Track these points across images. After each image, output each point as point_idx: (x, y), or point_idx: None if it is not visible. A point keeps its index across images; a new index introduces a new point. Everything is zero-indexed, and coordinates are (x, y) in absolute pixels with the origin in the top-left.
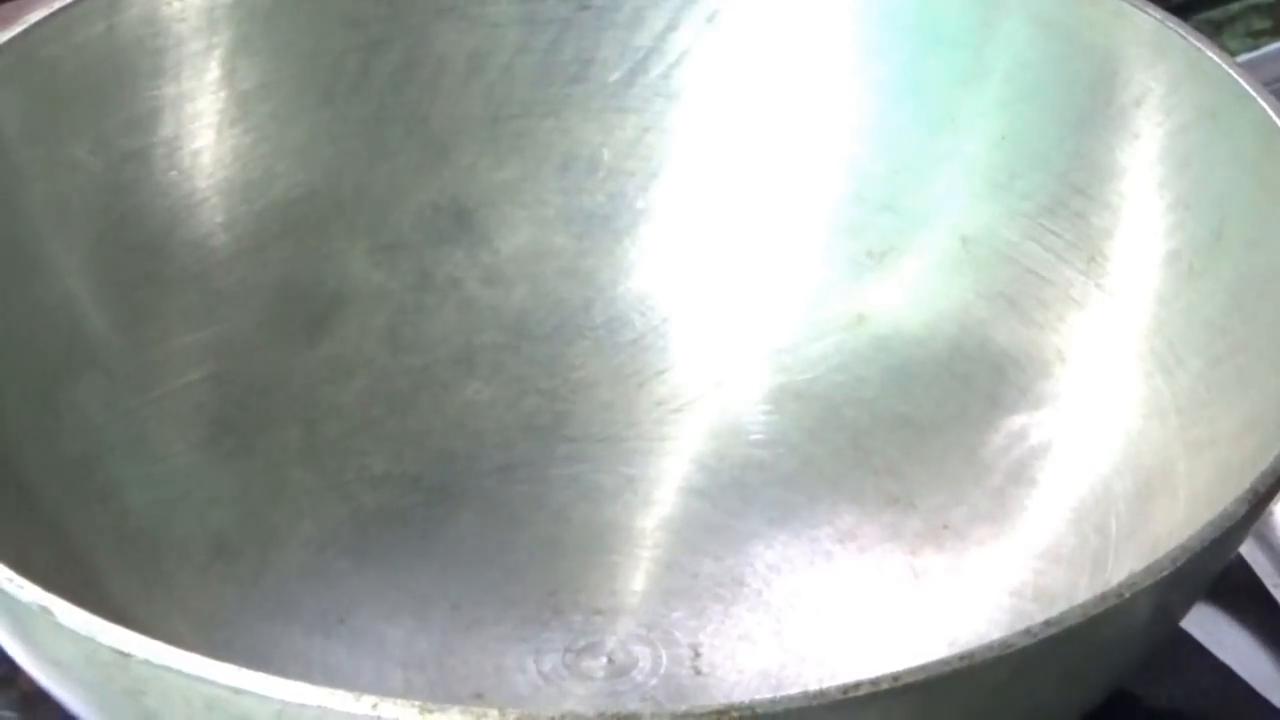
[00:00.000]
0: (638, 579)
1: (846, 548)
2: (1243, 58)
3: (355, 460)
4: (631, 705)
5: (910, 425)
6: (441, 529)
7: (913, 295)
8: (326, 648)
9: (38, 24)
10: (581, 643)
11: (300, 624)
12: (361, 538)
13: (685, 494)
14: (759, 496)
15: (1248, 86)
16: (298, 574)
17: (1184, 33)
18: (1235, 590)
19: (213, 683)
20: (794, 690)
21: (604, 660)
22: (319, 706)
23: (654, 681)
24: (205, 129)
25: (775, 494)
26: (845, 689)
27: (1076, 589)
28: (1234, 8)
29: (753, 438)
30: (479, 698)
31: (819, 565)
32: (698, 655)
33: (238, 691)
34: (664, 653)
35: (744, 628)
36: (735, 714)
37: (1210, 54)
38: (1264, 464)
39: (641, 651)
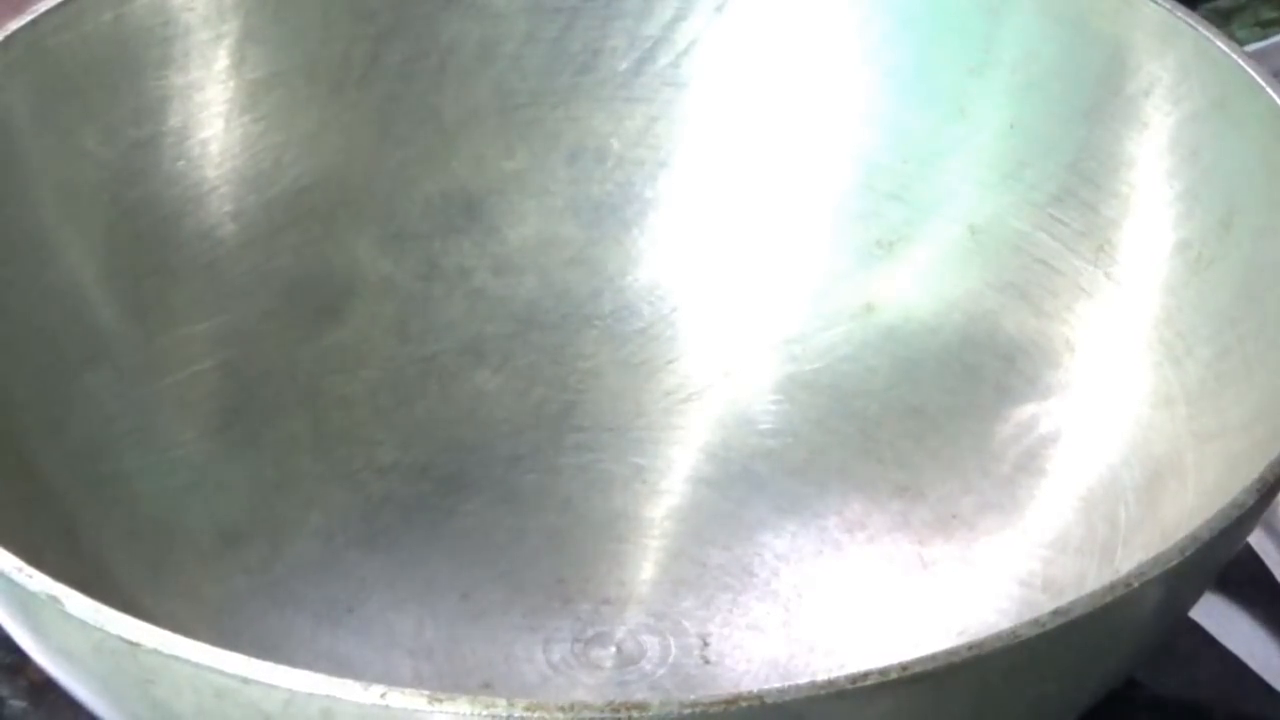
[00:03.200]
0: (646, 568)
1: (855, 537)
2: (1251, 47)
3: (364, 449)
4: (640, 695)
5: (919, 415)
6: (450, 518)
7: (922, 285)
8: (335, 636)
9: (46, 13)
10: (590, 632)
11: (309, 613)
12: (370, 527)
13: (694, 483)
14: (767, 486)
15: (1256, 76)
16: (306, 563)
17: (1192, 22)
18: (1244, 580)
19: (221, 672)
20: (802, 680)
21: (612, 650)
22: (327, 696)
23: (662, 671)
24: (214, 118)
25: (784, 484)
26: (854, 678)
27: (1085, 578)
28: None
29: (761, 427)
30: (488, 687)
31: (827, 554)
32: (706, 645)
33: (246, 681)
34: (672, 642)
35: (752, 617)
36: (744, 703)
37: (1219, 43)
38: (1273, 453)
39: (650, 641)
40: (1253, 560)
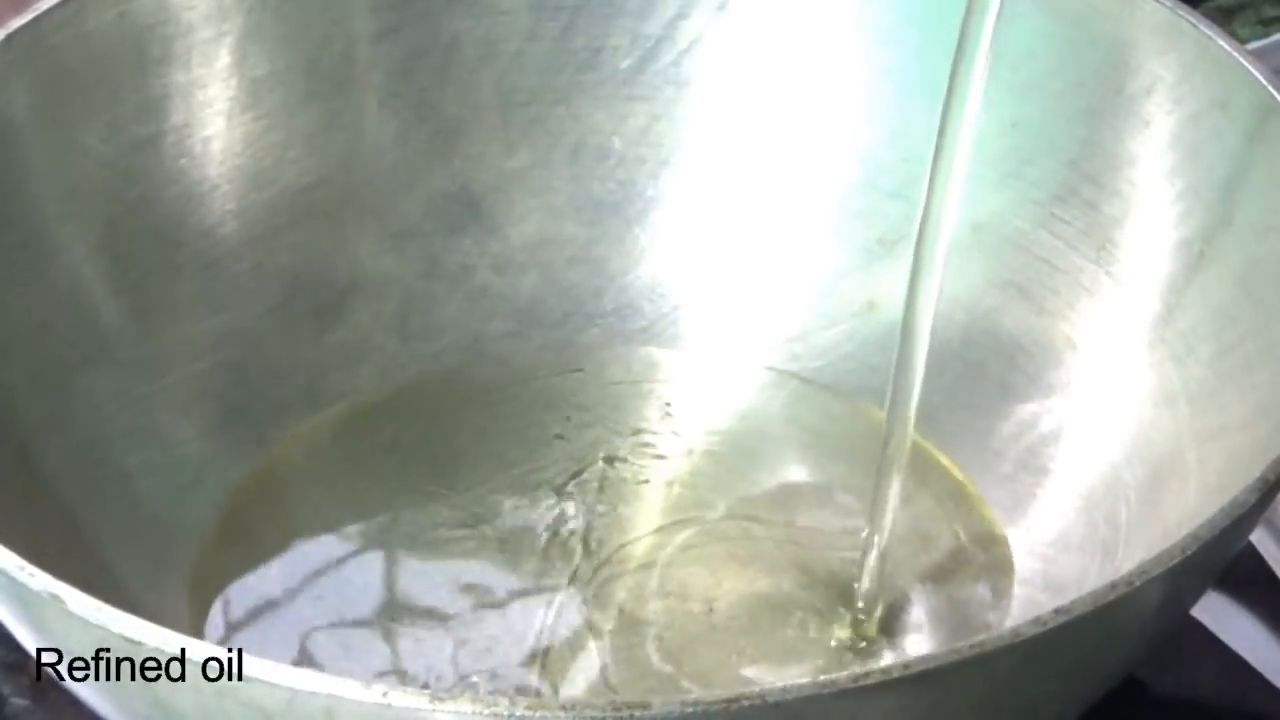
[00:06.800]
0: (650, 538)
1: None
2: (1253, 45)
3: (365, 447)
4: (642, 658)
5: (920, 412)
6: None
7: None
8: (337, 632)
9: (48, 11)
10: (593, 594)
11: (311, 610)
12: (372, 524)
13: (695, 478)
14: (770, 482)
15: (1258, 74)
16: (308, 561)
17: (1194, 20)
18: (1245, 578)
19: (223, 670)
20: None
21: (614, 612)
22: (329, 694)
23: (668, 634)
24: (216, 116)
25: (786, 480)
26: (855, 677)
27: (1086, 577)
28: None
29: (762, 425)
30: (490, 652)
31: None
32: (711, 610)
33: (248, 680)
34: (677, 606)
35: (757, 587)
36: (745, 702)
37: (1221, 42)
38: (1275, 452)
39: (654, 604)
40: (1254, 558)
